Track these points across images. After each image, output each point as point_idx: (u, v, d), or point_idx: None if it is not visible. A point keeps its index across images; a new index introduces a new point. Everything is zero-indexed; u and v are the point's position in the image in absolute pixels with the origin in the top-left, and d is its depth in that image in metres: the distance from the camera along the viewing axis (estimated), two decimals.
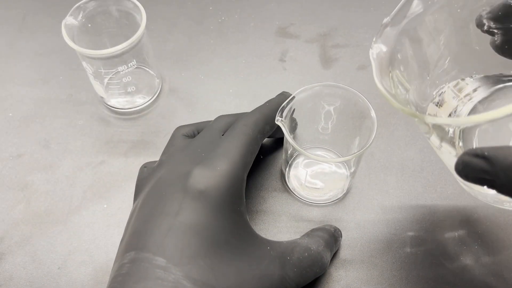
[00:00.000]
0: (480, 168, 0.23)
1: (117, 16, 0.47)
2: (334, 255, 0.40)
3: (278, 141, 0.47)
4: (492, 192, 0.23)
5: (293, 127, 0.42)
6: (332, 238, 0.38)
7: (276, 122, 0.37)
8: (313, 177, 0.43)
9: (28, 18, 0.58)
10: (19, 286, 0.40)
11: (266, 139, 0.47)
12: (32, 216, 0.43)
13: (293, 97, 0.38)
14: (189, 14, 0.58)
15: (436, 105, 0.33)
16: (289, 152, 0.42)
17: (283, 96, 0.42)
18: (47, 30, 0.57)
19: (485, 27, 0.30)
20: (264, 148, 0.47)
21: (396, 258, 0.40)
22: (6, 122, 0.49)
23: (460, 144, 0.31)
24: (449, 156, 0.30)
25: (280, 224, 0.42)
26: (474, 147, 0.27)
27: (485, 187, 0.23)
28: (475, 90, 0.33)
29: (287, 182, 0.44)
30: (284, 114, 0.37)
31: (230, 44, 0.55)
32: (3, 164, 0.46)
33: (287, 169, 0.44)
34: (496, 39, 0.31)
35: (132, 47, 0.44)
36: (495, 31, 0.30)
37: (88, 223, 0.43)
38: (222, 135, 0.37)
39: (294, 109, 0.39)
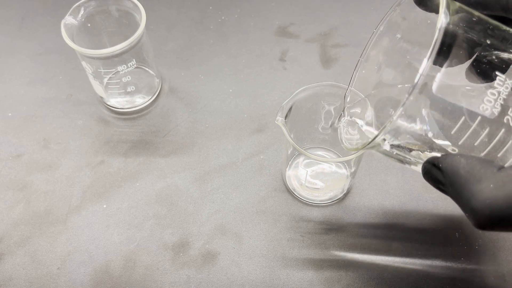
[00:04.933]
0: (435, 177, 0.24)
1: (116, 15, 0.47)
2: (334, 255, 0.40)
3: (277, 141, 0.47)
4: None
5: None
6: None
7: (276, 122, 0.36)
8: (313, 177, 0.43)
9: (28, 18, 0.58)
10: (18, 286, 0.39)
11: (265, 137, 0.47)
12: (31, 216, 0.43)
13: (293, 97, 0.38)
14: (189, 14, 0.58)
15: None
16: (289, 152, 0.42)
17: None
18: (47, 30, 0.57)
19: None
20: (264, 148, 0.47)
21: (396, 258, 0.40)
22: (5, 122, 0.49)
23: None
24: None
25: (280, 224, 0.42)
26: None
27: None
28: None
29: (287, 182, 0.44)
30: (284, 114, 0.37)
31: (230, 44, 0.55)
32: (2, 164, 0.46)
33: (287, 169, 0.44)
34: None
35: (131, 46, 0.44)
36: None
37: (87, 223, 0.43)
38: None
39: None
